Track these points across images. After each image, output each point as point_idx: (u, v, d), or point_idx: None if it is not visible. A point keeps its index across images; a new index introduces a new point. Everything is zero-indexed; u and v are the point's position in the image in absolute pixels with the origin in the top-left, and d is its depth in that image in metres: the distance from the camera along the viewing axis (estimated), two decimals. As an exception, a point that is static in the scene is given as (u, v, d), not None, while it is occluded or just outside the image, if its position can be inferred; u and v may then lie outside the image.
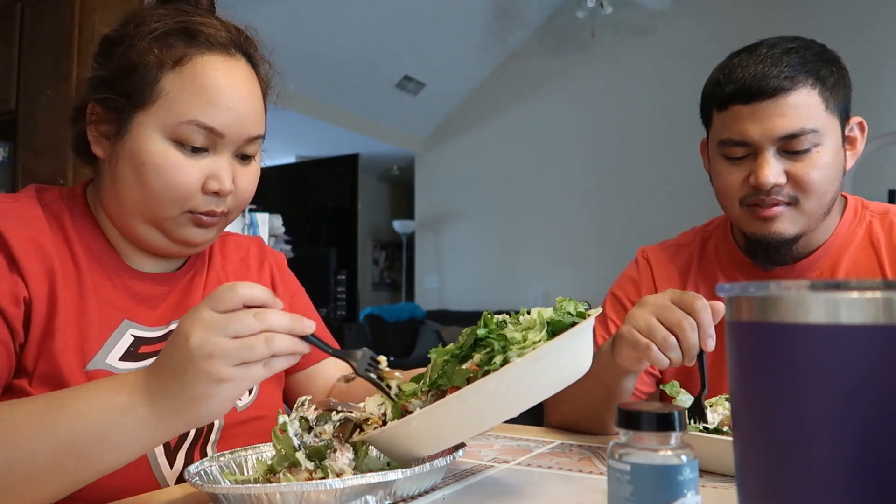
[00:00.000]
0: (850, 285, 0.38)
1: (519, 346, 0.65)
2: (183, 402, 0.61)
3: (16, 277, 0.75)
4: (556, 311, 0.69)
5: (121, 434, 0.62)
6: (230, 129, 0.81)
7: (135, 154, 0.79)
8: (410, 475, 0.64)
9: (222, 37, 0.83)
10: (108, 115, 0.82)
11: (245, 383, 0.61)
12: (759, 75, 0.97)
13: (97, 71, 0.83)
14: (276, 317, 0.61)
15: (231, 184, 0.82)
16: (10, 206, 0.80)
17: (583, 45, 5.67)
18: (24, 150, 3.33)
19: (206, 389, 0.60)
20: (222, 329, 0.59)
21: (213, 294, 0.61)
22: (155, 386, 0.62)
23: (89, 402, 0.62)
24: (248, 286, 0.61)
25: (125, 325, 0.83)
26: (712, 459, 0.75)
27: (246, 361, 0.60)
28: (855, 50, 1.06)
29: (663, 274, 1.18)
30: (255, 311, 0.60)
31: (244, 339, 0.59)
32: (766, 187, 0.98)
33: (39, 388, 0.75)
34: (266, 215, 3.04)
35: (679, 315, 0.82)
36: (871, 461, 0.37)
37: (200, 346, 0.59)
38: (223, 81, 0.81)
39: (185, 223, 0.83)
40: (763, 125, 0.97)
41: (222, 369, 0.59)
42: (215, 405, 0.61)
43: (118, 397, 0.62)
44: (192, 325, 0.60)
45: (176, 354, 0.60)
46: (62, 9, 3.25)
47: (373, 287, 7.84)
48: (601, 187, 5.70)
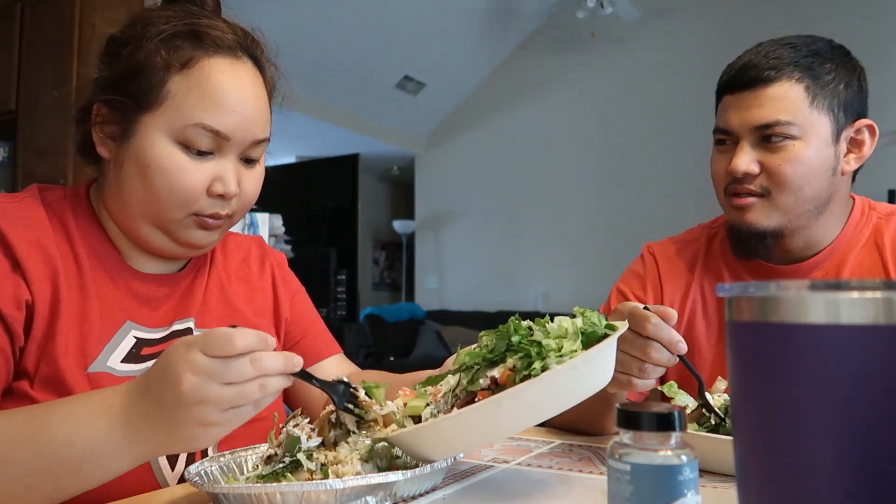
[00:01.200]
0: (850, 285, 0.38)
1: (556, 354, 0.66)
2: (168, 438, 0.61)
3: (18, 280, 0.75)
4: (585, 323, 0.70)
5: (98, 458, 0.62)
6: (236, 132, 0.81)
7: (140, 156, 0.79)
8: (411, 476, 0.64)
9: (229, 39, 0.83)
10: (114, 116, 0.81)
11: (233, 424, 0.60)
12: (746, 66, 1.01)
13: (103, 71, 0.83)
14: (271, 361, 0.59)
15: (236, 187, 0.83)
16: (13, 206, 0.80)
17: (583, 45, 5.67)
18: (25, 150, 3.33)
19: (193, 432, 0.59)
20: (218, 377, 0.57)
21: (208, 338, 0.58)
22: (138, 415, 0.61)
23: (71, 424, 0.62)
24: (242, 335, 0.58)
25: (127, 326, 0.83)
26: (712, 459, 0.75)
27: (237, 406, 0.59)
28: (855, 50, 1.06)
29: (669, 269, 1.18)
30: (251, 357, 0.58)
31: (239, 386, 0.58)
32: (736, 174, 1.02)
33: (41, 390, 0.75)
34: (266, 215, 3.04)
35: (639, 344, 0.81)
36: (871, 461, 0.37)
37: (192, 392, 0.57)
38: (229, 84, 0.81)
39: (189, 226, 0.83)
40: (741, 115, 1.01)
41: (212, 415, 0.58)
42: (200, 444, 0.61)
43: (100, 420, 0.62)
44: (185, 369, 0.57)
45: (164, 393, 0.59)
46: (62, 9, 3.25)
47: (373, 287, 7.84)
48: (601, 187, 5.69)
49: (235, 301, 0.96)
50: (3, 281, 0.74)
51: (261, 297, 1.01)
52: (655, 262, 1.20)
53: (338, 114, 6.00)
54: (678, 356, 0.82)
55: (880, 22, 4.43)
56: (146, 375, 0.62)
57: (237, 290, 0.98)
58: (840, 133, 1.02)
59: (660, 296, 1.17)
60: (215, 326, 0.91)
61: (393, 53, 5.58)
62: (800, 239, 1.06)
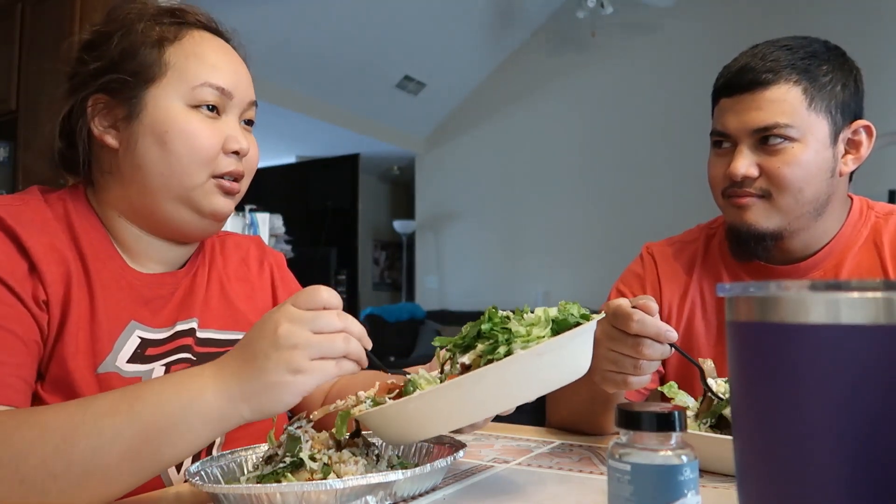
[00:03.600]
0: (850, 285, 0.38)
1: (523, 340, 0.66)
2: (256, 388, 0.62)
3: (35, 281, 0.76)
4: (561, 312, 0.70)
5: (189, 420, 0.62)
6: (237, 89, 0.86)
7: (157, 125, 0.82)
8: (411, 476, 0.64)
9: (203, 17, 0.90)
10: (116, 100, 0.83)
11: (318, 376, 0.63)
12: (744, 69, 1.01)
13: (91, 64, 0.84)
14: (354, 322, 0.66)
15: (246, 143, 0.87)
16: (23, 208, 0.80)
17: (583, 45, 5.66)
18: (24, 150, 3.33)
19: (282, 377, 0.62)
20: (309, 323, 0.63)
21: (299, 295, 0.65)
22: (230, 370, 0.64)
23: (163, 391, 0.63)
24: (328, 291, 0.65)
25: (132, 326, 0.83)
26: (712, 459, 0.75)
27: (324, 356, 0.63)
28: (855, 50, 1.06)
29: (668, 270, 1.18)
30: (337, 312, 0.65)
31: (326, 335, 0.63)
32: (735, 178, 1.02)
33: (51, 391, 0.75)
34: (266, 215, 3.04)
35: (630, 343, 0.81)
36: (871, 461, 0.37)
37: (287, 336, 0.62)
38: (219, 50, 0.88)
39: (211, 191, 0.85)
40: (740, 117, 1.01)
41: (302, 361, 0.62)
42: (287, 395, 0.63)
43: (191, 383, 0.64)
44: (281, 318, 0.63)
45: (261, 342, 0.63)
46: (62, 9, 3.25)
47: (373, 287, 7.84)
48: (601, 187, 5.69)
49: (236, 301, 0.96)
50: (24, 282, 0.74)
51: (260, 297, 1.01)
52: (654, 262, 1.20)
53: (338, 114, 6.00)
54: (670, 346, 0.81)
55: (879, 22, 4.42)
56: (240, 342, 0.66)
57: (237, 290, 0.98)
58: (838, 134, 1.02)
59: (658, 296, 1.17)
60: (217, 326, 0.92)
61: (393, 53, 5.58)
62: (799, 240, 1.06)
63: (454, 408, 0.65)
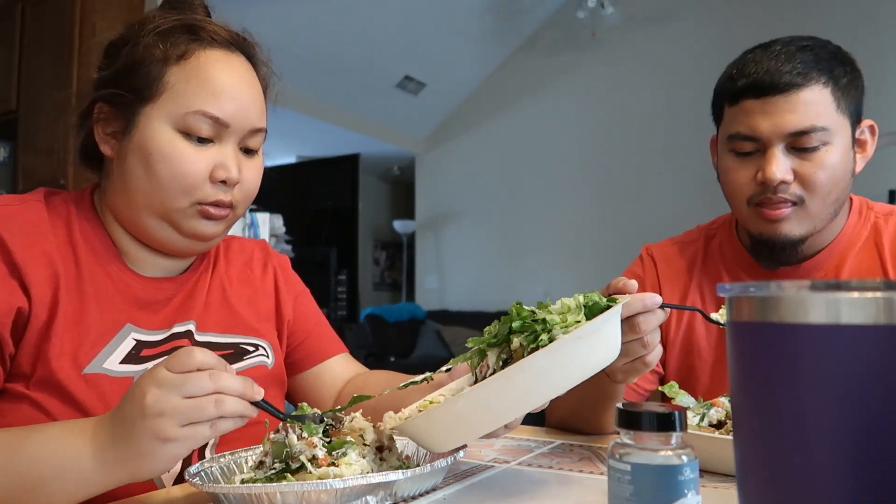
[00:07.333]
0: (850, 285, 0.38)
1: (562, 326, 0.66)
2: (128, 455, 0.62)
3: (13, 285, 0.76)
4: (587, 298, 0.70)
5: (66, 479, 0.63)
6: (234, 119, 0.83)
7: (143, 145, 0.81)
8: (411, 476, 0.64)
9: (223, 33, 0.86)
10: (116, 112, 0.83)
11: (189, 443, 0.62)
12: (772, 70, 0.97)
13: (102, 72, 0.85)
14: (229, 380, 0.63)
15: (237, 173, 0.84)
16: (15, 210, 0.80)
17: (583, 45, 5.66)
18: (25, 150, 3.33)
19: (150, 446, 0.61)
20: (178, 388, 0.61)
21: (172, 356, 0.63)
22: (106, 433, 0.63)
23: (44, 446, 0.64)
24: (202, 353, 0.63)
25: (127, 328, 0.83)
26: (712, 459, 0.75)
27: (194, 421, 0.61)
28: (855, 50, 1.06)
29: (668, 271, 1.18)
30: (210, 373, 0.62)
31: (196, 400, 0.61)
32: (773, 183, 0.97)
33: (37, 391, 0.75)
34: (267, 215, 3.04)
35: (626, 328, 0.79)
36: (871, 461, 0.37)
37: (154, 403, 0.60)
38: (225, 74, 0.84)
39: (193, 215, 0.83)
40: (773, 120, 0.96)
41: (170, 429, 0.60)
42: (158, 462, 0.62)
43: (73, 442, 0.64)
44: (149, 384, 0.61)
45: (131, 409, 0.62)
46: (62, 9, 3.25)
47: (373, 287, 7.84)
48: (602, 187, 5.69)
49: (237, 305, 0.96)
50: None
51: (262, 300, 1.01)
52: (654, 263, 1.20)
53: (338, 114, 6.00)
54: (662, 308, 0.81)
55: (879, 22, 4.42)
56: (118, 404, 0.64)
57: (239, 294, 0.98)
58: (854, 135, 1.02)
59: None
60: (216, 329, 0.92)
61: (393, 53, 5.58)
62: (809, 241, 1.04)
63: (502, 401, 0.64)
